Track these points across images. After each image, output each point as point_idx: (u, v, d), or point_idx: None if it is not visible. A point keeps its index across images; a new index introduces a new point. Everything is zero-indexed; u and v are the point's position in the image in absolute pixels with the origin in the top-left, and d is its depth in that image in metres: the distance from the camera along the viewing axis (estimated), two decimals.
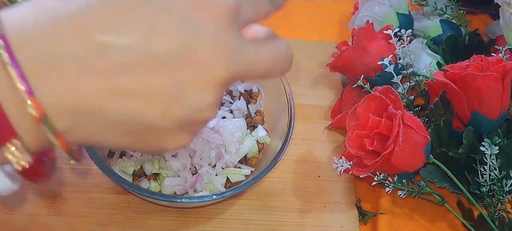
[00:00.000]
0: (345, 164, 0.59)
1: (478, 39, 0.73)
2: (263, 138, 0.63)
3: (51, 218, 0.57)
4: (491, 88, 0.58)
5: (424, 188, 0.61)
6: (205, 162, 0.59)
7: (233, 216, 0.60)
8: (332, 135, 0.70)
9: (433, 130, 0.60)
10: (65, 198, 0.59)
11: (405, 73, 0.66)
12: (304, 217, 0.62)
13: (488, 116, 0.59)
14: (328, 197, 0.64)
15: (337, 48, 0.69)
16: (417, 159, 0.58)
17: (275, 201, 0.62)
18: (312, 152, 0.68)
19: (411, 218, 0.63)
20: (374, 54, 0.65)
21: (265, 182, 0.63)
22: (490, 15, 0.86)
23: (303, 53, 0.78)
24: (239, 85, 0.67)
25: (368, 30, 0.65)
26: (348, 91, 0.70)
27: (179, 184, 0.58)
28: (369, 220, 0.62)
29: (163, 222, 0.59)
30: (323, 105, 0.73)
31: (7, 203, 0.57)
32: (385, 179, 0.59)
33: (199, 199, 0.53)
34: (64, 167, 0.61)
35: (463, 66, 0.60)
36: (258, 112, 0.66)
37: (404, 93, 0.65)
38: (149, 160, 0.58)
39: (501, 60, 0.59)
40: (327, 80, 0.76)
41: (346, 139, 0.59)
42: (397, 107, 0.56)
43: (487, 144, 0.57)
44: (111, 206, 0.59)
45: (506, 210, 0.58)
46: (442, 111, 0.61)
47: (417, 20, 0.79)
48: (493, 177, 0.57)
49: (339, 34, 0.81)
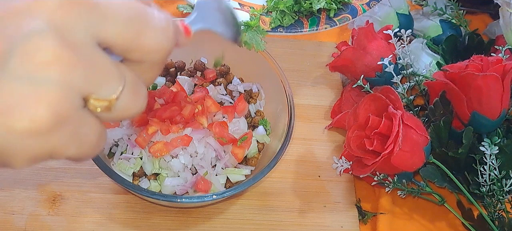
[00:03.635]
0: (345, 164, 0.59)
1: (478, 39, 0.73)
2: (263, 137, 0.63)
3: (51, 218, 0.57)
4: (491, 88, 0.58)
5: (424, 188, 0.61)
6: (206, 162, 0.59)
7: (233, 216, 0.61)
8: (332, 135, 0.70)
9: (433, 130, 0.60)
10: (65, 198, 0.59)
11: (405, 73, 0.66)
12: (304, 217, 0.62)
13: (488, 116, 0.60)
14: (328, 197, 0.64)
15: (337, 48, 0.69)
16: (417, 159, 0.58)
17: (275, 201, 0.62)
18: (312, 152, 0.68)
19: (411, 218, 0.63)
20: (374, 54, 0.65)
21: (265, 182, 0.63)
22: (490, 15, 0.86)
23: (303, 53, 0.78)
24: (239, 85, 0.67)
25: (368, 30, 0.65)
26: (348, 91, 0.70)
27: (179, 184, 0.58)
28: (369, 220, 0.62)
29: (163, 222, 0.59)
30: (323, 105, 0.73)
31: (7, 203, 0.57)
32: (385, 179, 0.59)
33: (199, 199, 0.53)
34: (64, 167, 0.61)
35: (463, 66, 0.60)
36: (258, 112, 0.66)
37: (404, 93, 0.65)
38: (149, 160, 0.58)
39: (501, 60, 0.59)
40: (327, 80, 0.76)
41: (346, 139, 0.59)
42: (397, 107, 0.56)
43: (487, 144, 0.57)
44: (111, 206, 0.59)
45: (506, 210, 0.58)
46: (442, 111, 0.61)
47: (417, 20, 0.79)
48: (493, 177, 0.57)
49: (339, 34, 0.81)
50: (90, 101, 0.28)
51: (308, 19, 0.51)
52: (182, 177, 0.58)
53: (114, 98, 0.29)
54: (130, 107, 0.30)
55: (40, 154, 0.27)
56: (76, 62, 0.26)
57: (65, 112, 0.27)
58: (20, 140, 0.26)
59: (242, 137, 0.60)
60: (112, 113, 0.29)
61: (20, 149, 0.26)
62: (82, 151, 0.29)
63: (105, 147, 0.60)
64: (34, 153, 0.27)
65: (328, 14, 0.51)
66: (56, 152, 0.28)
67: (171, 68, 0.68)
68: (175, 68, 0.68)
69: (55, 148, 0.27)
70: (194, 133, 0.59)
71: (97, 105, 0.28)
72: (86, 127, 0.29)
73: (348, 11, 0.52)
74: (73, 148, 0.28)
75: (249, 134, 0.61)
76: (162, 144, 0.57)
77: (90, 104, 0.28)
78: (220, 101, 0.65)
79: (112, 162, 0.59)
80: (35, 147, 0.27)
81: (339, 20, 0.51)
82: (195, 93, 0.64)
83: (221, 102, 0.65)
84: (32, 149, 0.27)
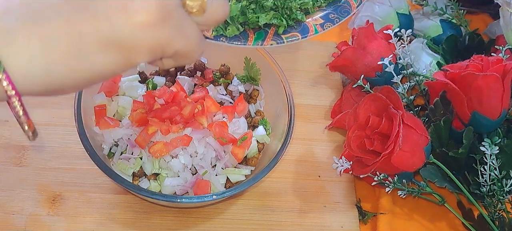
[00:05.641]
0: (345, 164, 0.59)
1: (478, 39, 0.73)
2: (263, 137, 0.63)
3: (51, 218, 0.57)
4: (491, 88, 0.58)
5: (424, 188, 0.61)
6: (206, 162, 0.59)
7: (233, 216, 0.60)
8: (332, 135, 0.70)
9: (433, 130, 0.60)
10: (65, 198, 0.59)
11: (405, 73, 0.66)
12: (304, 217, 0.62)
13: (488, 116, 0.59)
14: (328, 197, 0.64)
15: (337, 48, 0.69)
16: (417, 159, 0.58)
17: (275, 201, 0.62)
18: (312, 152, 0.68)
19: (411, 218, 0.63)
20: (374, 54, 0.65)
21: (265, 182, 0.63)
22: (490, 15, 0.86)
23: (303, 53, 0.78)
24: (239, 85, 0.67)
25: (368, 30, 0.65)
26: (348, 91, 0.70)
27: (179, 184, 0.58)
28: (369, 220, 0.62)
29: (163, 222, 0.59)
30: (323, 105, 0.73)
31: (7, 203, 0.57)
32: (385, 179, 0.59)
33: (199, 199, 0.53)
34: (64, 167, 0.61)
35: (463, 66, 0.60)
36: (258, 112, 0.66)
37: (404, 93, 0.65)
38: (149, 160, 0.58)
39: (501, 60, 0.59)
40: (327, 80, 0.76)
41: (346, 139, 0.59)
42: (397, 107, 0.56)
43: (487, 144, 0.57)
44: (111, 206, 0.59)
45: (506, 210, 0.58)
46: (442, 111, 0.61)
47: (417, 20, 0.79)
48: (493, 177, 0.57)
49: (339, 34, 0.81)
50: (187, 3, 0.34)
51: (255, 32, 0.50)
52: (182, 177, 0.58)
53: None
54: (218, 9, 0.36)
55: (156, 44, 0.32)
56: None
57: (169, 7, 0.32)
58: (141, 32, 0.31)
59: (242, 137, 0.60)
60: (205, 15, 0.35)
61: (142, 40, 0.32)
62: (188, 44, 0.34)
63: (105, 147, 0.60)
64: (153, 44, 0.32)
65: (277, 30, 0.50)
66: (168, 43, 0.33)
67: (171, 68, 0.68)
68: (175, 68, 0.68)
69: (167, 39, 0.33)
70: (194, 133, 0.59)
71: (192, 5, 0.34)
72: (188, 24, 0.34)
73: (299, 29, 0.51)
74: (181, 40, 0.34)
75: (249, 134, 0.61)
76: (162, 144, 0.57)
77: (187, 7, 0.34)
78: (220, 101, 0.65)
79: (112, 162, 0.59)
80: (153, 37, 0.32)
81: (287, 38, 0.50)
82: (195, 93, 0.64)
83: (221, 102, 0.65)
84: (150, 40, 0.32)
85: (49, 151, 0.62)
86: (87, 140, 0.54)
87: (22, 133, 0.33)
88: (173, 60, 0.36)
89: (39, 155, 0.62)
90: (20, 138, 0.62)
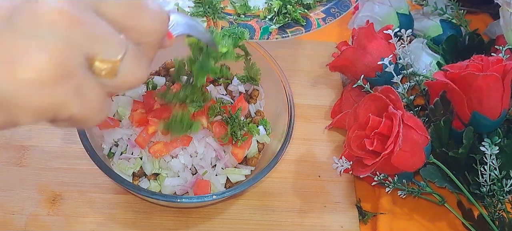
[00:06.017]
0: (345, 164, 0.59)
1: (478, 39, 0.73)
2: (263, 138, 0.63)
3: (51, 218, 0.57)
4: (491, 88, 0.58)
5: (424, 188, 0.61)
6: (206, 162, 0.59)
7: (233, 216, 0.60)
8: (332, 135, 0.70)
9: (433, 130, 0.60)
10: (65, 198, 0.59)
11: (405, 73, 0.66)
12: (304, 217, 0.62)
13: (488, 116, 0.59)
14: (328, 197, 0.64)
15: (337, 48, 0.69)
16: (417, 159, 0.58)
17: (275, 201, 0.62)
18: (312, 152, 0.68)
19: (411, 218, 0.63)
20: (374, 54, 0.65)
21: (265, 182, 0.63)
22: (490, 15, 0.86)
23: (303, 53, 0.78)
24: (239, 85, 0.67)
25: (368, 30, 0.65)
26: (348, 91, 0.70)
27: (179, 184, 0.58)
28: (369, 220, 0.62)
29: (163, 222, 0.59)
30: (323, 105, 0.73)
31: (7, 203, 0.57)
32: (385, 179, 0.59)
33: (199, 199, 0.53)
34: (64, 167, 0.61)
35: (463, 66, 0.60)
36: (258, 112, 0.66)
37: (404, 93, 0.65)
38: (149, 160, 0.58)
39: (501, 60, 0.59)
40: (327, 80, 0.76)
41: (346, 139, 0.59)
42: (397, 107, 0.56)
43: (487, 144, 0.57)
44: (111, 206, 0.59)
45: (506, 210, 0.58)
46: (442, 111, 0.61)
47: (417, 20, 0.79)
48: (493, 177, 0.57)
49: (339, 34, 0.81)
50: (95, 64, 0.29)
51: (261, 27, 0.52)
52: (182, 177, 0.58)
53: (118, 59, 0.30)
54: (133, 73, 0.31)
55: (44, 106, 0.28)
56: (81, 22, 0.28)
57: (68, 65, 0.27)
58: (24, 90, 0.26)
59: (242, 137, 0.60)
60: (116, 79, 0.30)
61: (25, 100, 0.27)
62: (85, 111, 0.29)
63: (105, 147, 0.60)
64: (39, 105, 0.27)
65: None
66: (60, 107, 0.28)
67: (171, 68, 0.68)
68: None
69: (59, 102, 0.28)
70: (194, 133, 0.59)
71: (101, 68, 0.29)
72: (90, 88, 0.29)
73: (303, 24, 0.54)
74: (77, 105, 0.29)
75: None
76: (162, 144, 0.57)
77: (95, 68, 0.29)
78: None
79: (112, 162, 0.59)
80: (39, 98, 0.27)
81: (291, 32, 0.52)
82: None
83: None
84: (36, 101, 0.27)
85: (49, 151, 0.62)
86: (87, 140, 0.54)
87: (22, 132, 0.32)
88: (68, 124, 0.31)
89: (39, 155, 0.62)
90: (20, 138, 0.62)
